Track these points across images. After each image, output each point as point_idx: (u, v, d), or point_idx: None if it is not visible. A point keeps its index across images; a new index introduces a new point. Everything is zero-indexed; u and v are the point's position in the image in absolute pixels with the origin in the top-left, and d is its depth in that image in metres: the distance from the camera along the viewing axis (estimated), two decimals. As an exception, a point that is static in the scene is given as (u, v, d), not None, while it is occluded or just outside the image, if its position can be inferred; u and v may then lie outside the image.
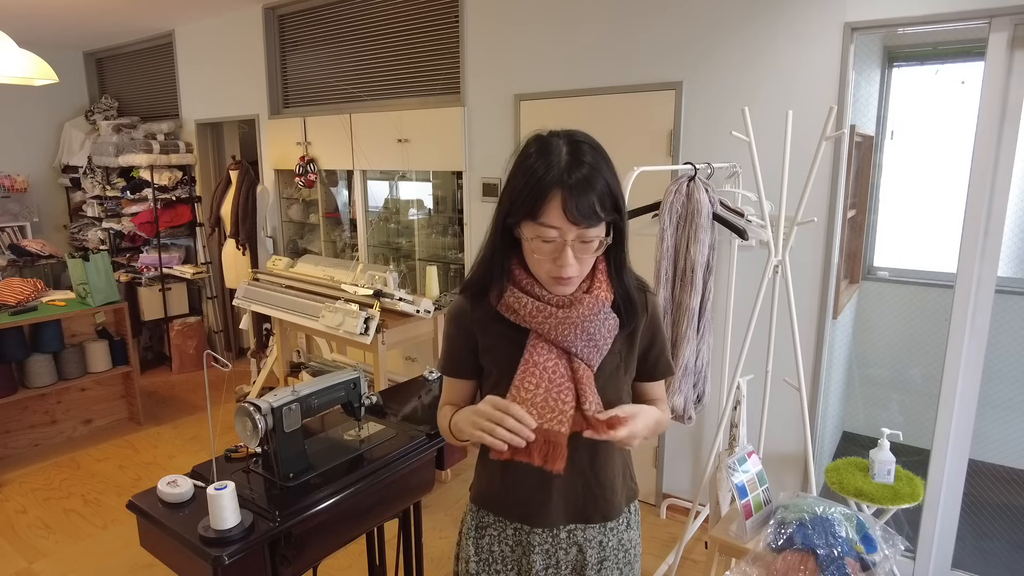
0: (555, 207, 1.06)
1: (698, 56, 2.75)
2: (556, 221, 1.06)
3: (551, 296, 1.16)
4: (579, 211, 1.05)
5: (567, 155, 1.07)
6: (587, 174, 1.07)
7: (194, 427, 4.16)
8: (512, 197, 1.11)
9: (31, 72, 2.86)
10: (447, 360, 1.30)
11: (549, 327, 1.14)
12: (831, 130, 2.12)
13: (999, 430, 3.26)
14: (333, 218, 4.63)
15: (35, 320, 3.62)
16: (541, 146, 1.09)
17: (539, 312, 1.15)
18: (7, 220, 5.49)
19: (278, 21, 4.52)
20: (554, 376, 1.15)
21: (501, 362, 1.21)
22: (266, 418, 1.62)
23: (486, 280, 1.20)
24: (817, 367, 2.67)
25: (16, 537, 2.99)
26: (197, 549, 1.48)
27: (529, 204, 1.07)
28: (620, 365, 1.24)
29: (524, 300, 1.16)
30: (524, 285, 1.17)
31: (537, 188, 1.06)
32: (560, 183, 1.05)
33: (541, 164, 1.07)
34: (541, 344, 1.16)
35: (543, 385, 1.14)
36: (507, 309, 1.18)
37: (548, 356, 1.15)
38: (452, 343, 1.28)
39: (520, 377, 1.15)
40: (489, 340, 1.23)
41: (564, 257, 1.09)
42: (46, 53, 3.40)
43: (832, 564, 1.67)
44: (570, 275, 1.11)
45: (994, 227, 2.27)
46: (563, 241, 1.08)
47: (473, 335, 1.24)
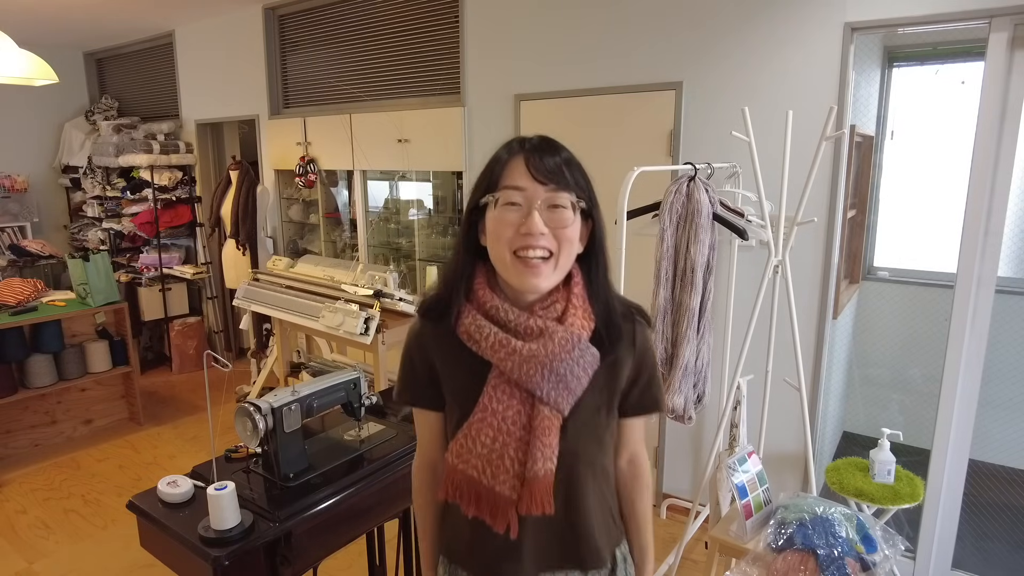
0: (517, 167, 0.98)
1: (698, 56, 2.75)
2: (520, 179, 0.97)
3: (517, 319, 1.00)
4: (545, 167, 0.97)
5: (530, 139, 1.02)
6: (551, 144, 1.01)
7: (194, 427, 4.16)
8: (474, 189, 1.03)
9: (31, 72, 2.86)
10: (403, 385, 1.14)
11: (512, 365, 0.99)
12: (831, 130, 2.12)
13: (999, 430, 3.26)
14: (333, 218, 4.63)
15: (35, 320, 3.62)
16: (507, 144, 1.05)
17: (501, 346, 0.99)
18: (7, 220, 5.49)
19: (278, 21, 4.52)
20: (512, 428, 1.01)
21: (461, 397, 1.06)
22: (266, 418, 1.62)
23: (446, 299, 1.05)
24: (817, 367, 2.66)
25: (16, 537, 2.99)
26: (197, 549, 1.48)
27: (488, 178, 1.00)
28: (601, 407, 1.07)
29: (486, 328, 1.00)
30: (487, 307, 1.02)
31: (497, 164, 1.00)
32: (521, 150, 0.99)
33: (501, 149, 1.03)
34: (502, 386, 1.00)
35: (499, 439, 1.00)
36: (467, 336, 1.02)
37: (509, 402, 1.00)
38: (408, 367, 1.12)
39: (475, 427, 1.01)
40: (448, 370, 1.08)
41: (531, 219, 0.96)
42: (46, 53, 3.40)
43: (832, 564, 1.67)
44: (540, 243, 0.97)
45: (994, 227, 2.27)
46: (529, 205, 0.97)
47: (431, 362, 1.09)
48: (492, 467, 1.00)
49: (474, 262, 1.05)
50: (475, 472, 1.01)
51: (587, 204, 1.02)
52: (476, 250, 1.05)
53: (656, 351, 2.29)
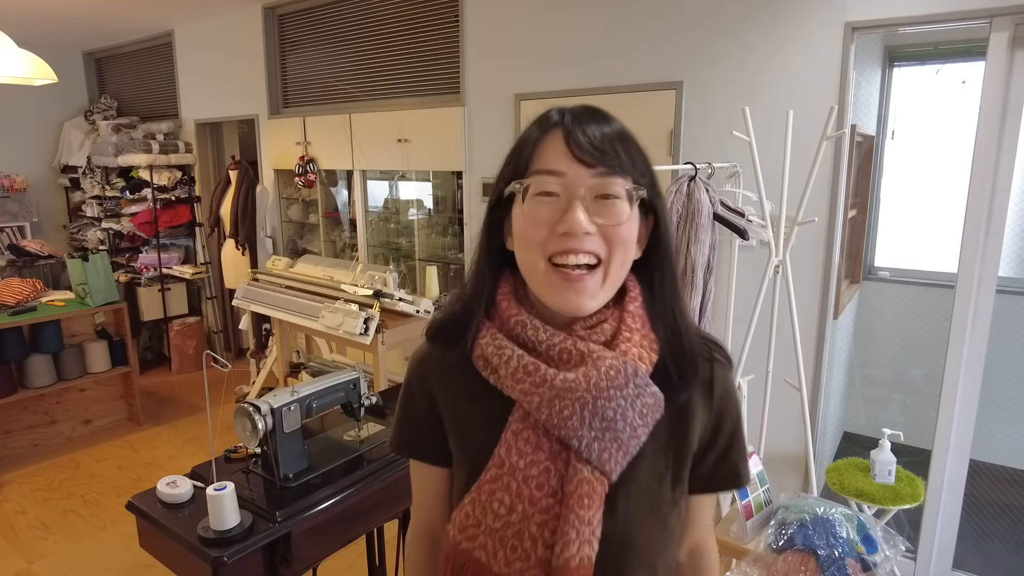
0: (554, 145, 0.73)
1: (699, 56, 2.75)
2: (557, 161, 0.72)
3: (550, 340, 0.75)
4: (591, 143, 0.72)
5: (572, 107, 0.77)
6: (598, 113, 0.76)
7: (193, 427, 4.15)
8: (499, 177, 0.79)
9: (30, 72, 2.85)
10: (399, 429, 0.89)
11: (540, 401, 0.72)
12: (832, 130, 2.12)
13: (1000, 430, 3.25)
14: (333, 218, 4.62)
15: (34, 320, 3.62)
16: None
17: (527, 374, 0.73)
18: (6, 220, 5.48)
19: (278, 21, 4.51)
20: (536, 493, 0.73)
21: (472, 450, 0.79)
22: (266, 419, 1.62)
23: (462, 317, 0.80)
24: (818, 367, 2.66)
25: (16, 537, 2.99)
26: (197, 550, 1.47)
27: (516, 161, 0.76)
28: (665, 475, 0.78)
29: (507, 350, 0.75)
30: (512, 323, 0.77)
31: (527, 143, 0.76)
32: (559, 123, 0.74)
33: (532, 125, 0.78)
34: (526, 433, 0.74)
35: (518, 508, 0.73)
36: (483, 362, 0.77)
37: (534, 456, 0.73)
38: (407, 407, 0.87)
39: (486, 490, 0.74)
40: (459, 411, 0.81)
41: (572, 214, 0.71)
42: (45, 53, 3.39)
43: (833, 565, 1.67)
44: (585, 247, 0.72)
45: (995, 227, 2.27)
46: (570, 195, 0.72)
47: (437, 400, 0.83)
48: (506, 548, 0.73)
49: (498, 271, 0.81)
50: (483, 554, 0.74)
51: (648, 193, 0.76)
52: (501, 256, 0.81)
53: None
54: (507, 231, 0.80)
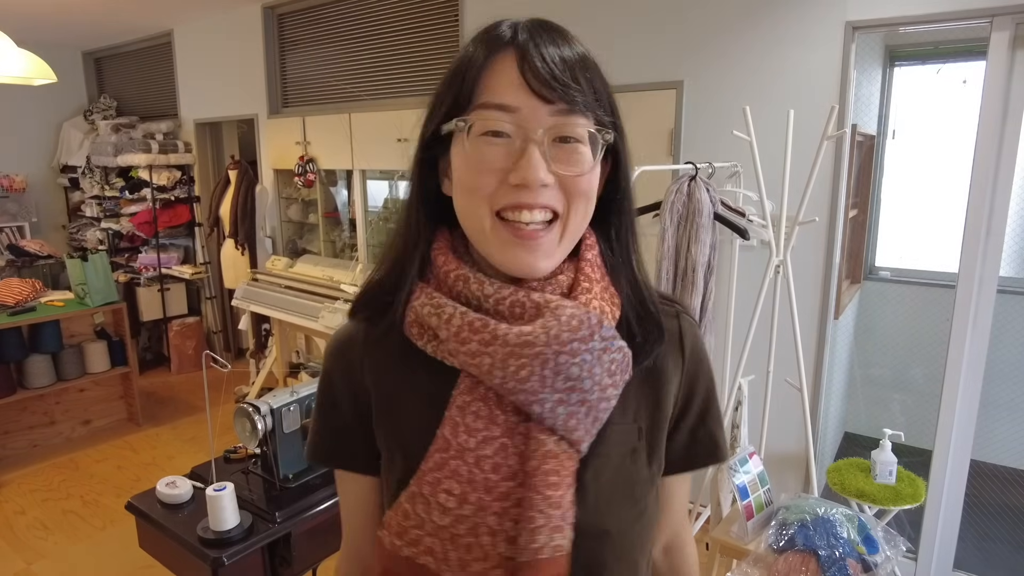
0: (505, 71, 0.60)
1: (699, 55, 2.74)
2: (508, 93, 0.59)
3: (497, 293, 0.62)
4: (549, 72, 0.60)
5: (526, 21, 0.67)
6: (556, 30, 0.66)
7: (193, 428, 4.15)
8: (432, 106, 0.66)
9: (29, 72, 2.85)
10: (316, 435, 0.73)
11: (491, 363, 0.58)
12: (832, 129, 2.12)
13: (1001, 430, 3.25)
14: (332, 218, 4.62)
15: (34, 320, 3.61)
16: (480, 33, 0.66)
17: (473, 332, 0.59)
18: (6, 220, 5.48)
19: (277, 21, 4.51)
20: (492, 476, 0.60)
21: (407, 442, 0.65)
22: (265, 419, 1.61)
23: (392, 281, 0.66)
24: (818, 367, 2.66)
25: (15, 538, 2.98)
26: (196, 550, 1.47)
27: (456, 88, 0.62)
28: (638, 446, 0.67)
29: (447, 307, 0.61)
30: (451, 278, 0.63)
31: (470, 66, 0.62)
32: (511, 43, 0.62)
33: (477, 37, 0.65)
34: (475, 405, 0.61)
35: (471, 497, 0.59)
36: (417, 327, 0.64)
37: (487, 431, 0.60)
38: (325, 406, 0.72)
39: (429, 479, 0.60)
40: (390, 396, 0.67)
41: (528, 160, 0.58)
42: (45, 53, 3.39)
43: (834, 565, 1.66)
44: (541, 200, 0.60)
45: (996, 227, 2.27)
46: (524, 136, 0.59)
47: (363, 388, 0.68)
48: (459, 549, 0.59)
49: (433, 225, 0.67)
50: (430, 559, 0.60)
51: (613, 133, 0.65)
52: (436, 206, 0.67)
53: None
54: (443, 172, 0.66)
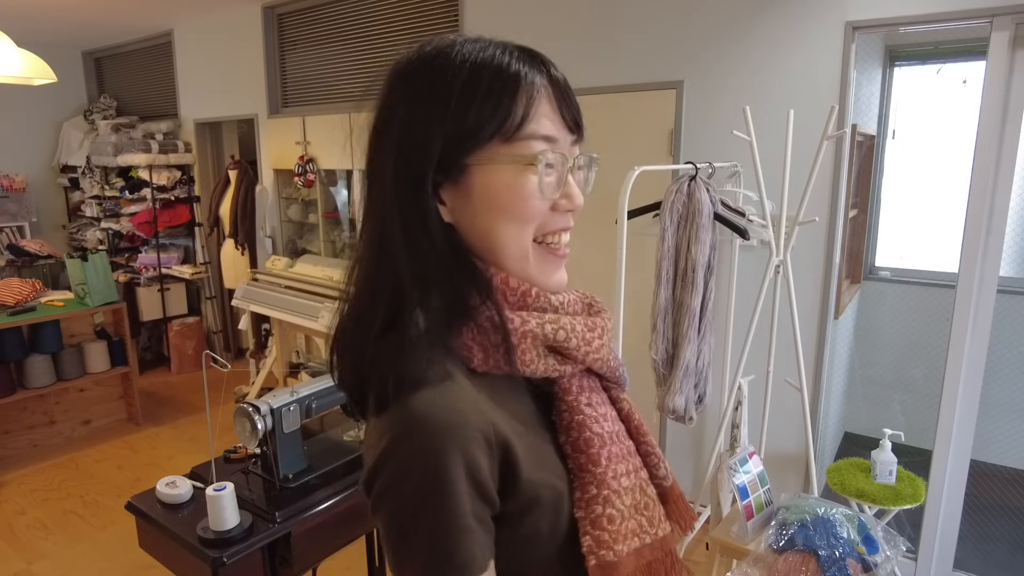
0: (545, 106, 0.63)
1: (699, 55, 2.74)
2: (551, 127, 0.63)
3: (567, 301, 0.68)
4: (573, 113, 0.65)
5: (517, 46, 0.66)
6: (564, 75, 0.69)
7: (193, 428, 4.15)
8: (452, 118, 0.60)
9: (30, 72, 2.85)
10: (472, 544, 0.55)
11: (607, 353, 0.68)
12: (832, 129, 2.12)
13: (1001, 431, 3.25)
14: (332, 218, 4.62)
15: (34, 320, 3.61)
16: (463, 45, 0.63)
17: (591, 331, 0.66)
18: (6, 220, 5.48)
19: (277, 20, 4.51)
20: (627, 443, 0.70)
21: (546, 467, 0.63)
22: (265, 419, 1.61)
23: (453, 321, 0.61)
24: (818, 367, 2.66)
25: (15, 538, 2.98)
26: (196, 550, 1.47)
27: (503, 109, 0.60)
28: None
29: (562, 319, 0.64)
30: (532, 295, 0.65)
31: (509, 80, 0.61)
32: (545, 74, 0.64)
33: (488, 55, 0.62)
34: (589, 396, 0.67)
35: (630, 465, 0.68)
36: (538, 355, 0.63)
37: (607, 410, 0.69)
38: (462, 505, 0.54)
39: (610, 474, 0.64)
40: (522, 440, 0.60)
41: (570, 185, 0.65)
42: (45, 53, 3.39)
43: (834, 565, 1.66)
44: (571, 223, 0.68)
45: (996, 227, 2.27)
46: (564, 164, 0.64)
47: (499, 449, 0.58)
48: (647, 513, 0.67)
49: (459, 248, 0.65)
50: (640, 540, 0.66)
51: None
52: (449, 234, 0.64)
53: (658, 351, 2.29)
54: (446, 198, 0.63)
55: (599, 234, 2.94)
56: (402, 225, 0.61)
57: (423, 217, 0.61)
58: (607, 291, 2.05)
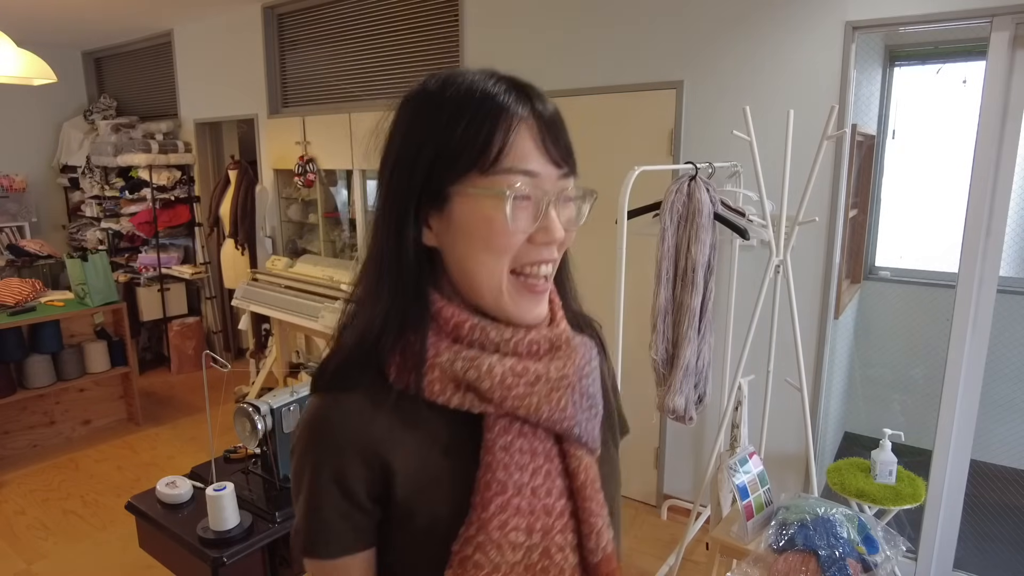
0: (525, 141, 0.63)
1: (699, 55, 2.74)
2: (532, 162, 0.63)
3: (515, 336, 0.66)
4: (560, 148, 0.65)
5: (512, 79, 0.68)
6: (548, 99, 0.68)
7: (193, 428, 4.15)
8: (436, 148, 0.63)
9: (30, 72, 2.85)
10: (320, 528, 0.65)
11: (538, 400, 0.64)
12: (832, 129, 2.12)
13: (1001, 431, 3.25)
14: (332, 218, 4.62)
15: (34, 320, 3.61)
16: (462, 77, 0.67)
17: (518, 376, 0.64)
18: (5, 220, 5.48)
19: (277, 20, 4.51)
20: (550, 501, 0.66)
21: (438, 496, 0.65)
22: (265, 419, 1.61)
23: (384, 340, 0.65)
24: (818, 367, 2.66)
25: (15, 538, 2.98)
26: (196, 550, 1.47)
27: (480, 142, 0.62)
28: (606, 435, 0.76)
29: (483, 358, 0.64)
30: (466, 333, 0.65)
31: (489, 114, 0.62)
32: (529, 108, 0.64)
33: (478, 89, 0.65)
34: (517, 441, 0.64)
35: (538, 525, 0.64)
36: (450, 387, 0.64)
37: (534, 462, 0.65)
38: (326, 493, 0.64)
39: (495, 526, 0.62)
40: (424, 465, 0.65)
41: (550, 219, 0.64)
42: (45, 53, 3.39)
43: (834, 565, 1.66)
44: (553, 257, 0.67)
45: (996, 227, 2.27)
46: (541, 198, 0.64)
47: (377, 471, 0.64)
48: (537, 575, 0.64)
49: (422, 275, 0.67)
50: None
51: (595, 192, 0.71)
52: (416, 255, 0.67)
53: (658, 351, 2.29)
54: (423, 221, 0.66)
55: (599, 234, 2.94)
56: (382, 243, 0.66)
57: (398, 238, 0.65)
58: (607, 291, 2.05)
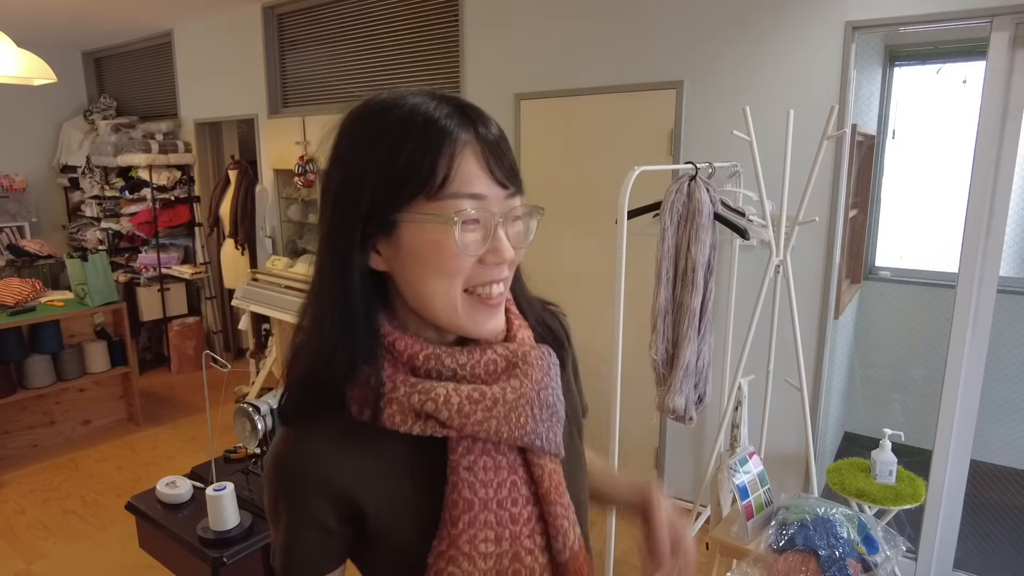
0: (470, 164, 0.64)
1: (699, 55, 2.74)
2: (478, 185, 0.64)
3: (470, 360, 0.69)
4: (508, 164, 0.66)
5: (454, 100, 0.67)
6: (490, 120, 0.68)
7: (193, 428, 4.15)
8: (382, 175, 0.63)
9: (30, 72, 2.85)
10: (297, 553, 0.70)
11: (497, 423, 0.67)
12: (832, 129, 2.12)
13: (1001, 430, 3.25)
14: (332, 218, 4.62)
15: (34, 320, 3.61)
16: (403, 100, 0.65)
17: (474, 404, 0.66)
18: (6, 220, 5.48)
19: (277, 20, 4.51)
20: (515, 510, 0.69)
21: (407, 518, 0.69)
22: (265, 419, 1.61)
23: (336, 373, 0.67)
24: (818, 367, 2.66)
25: (15, 538, 2.98)
26: (196, 550, 1.47)
27: (425, 168, 0.62)
28: (572, 430, 0.80)
29: (437, 389, 0.66)
30: (421, 363, 0.68)
31: (432, 139, 0.63)
32: (472, 131, 0.65)
33: (420, 113, 0.64)
34: (481, 459, 0.68)
35: (506, 534, 0.69)
36: (409, 418, 0.66)
37: (498, 476, 0.69)
38: (296, 524, 0.69)
39: (464, 540, 0.67)
40: (372, 486, 0.68)
41: (499, 240, 0.66)
42: (45, 53, 3.39)
43: (834, 565, 1.66)
44: (504, 275, 0.69)
45: (996, 227, 2.27)
46: (489, 220, 0.65)
47: (342, 492, 0.67)
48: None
49: (370, 303, 0.69)
50: None
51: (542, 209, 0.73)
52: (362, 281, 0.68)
53: (658, 351, 2.29)
54: (371, 247, 0.67)
55: (599, 234, 2.94)
56: (327, 273, 0.68)
57: (344, 268, 0.66)
58: (607, 291, 2.05)
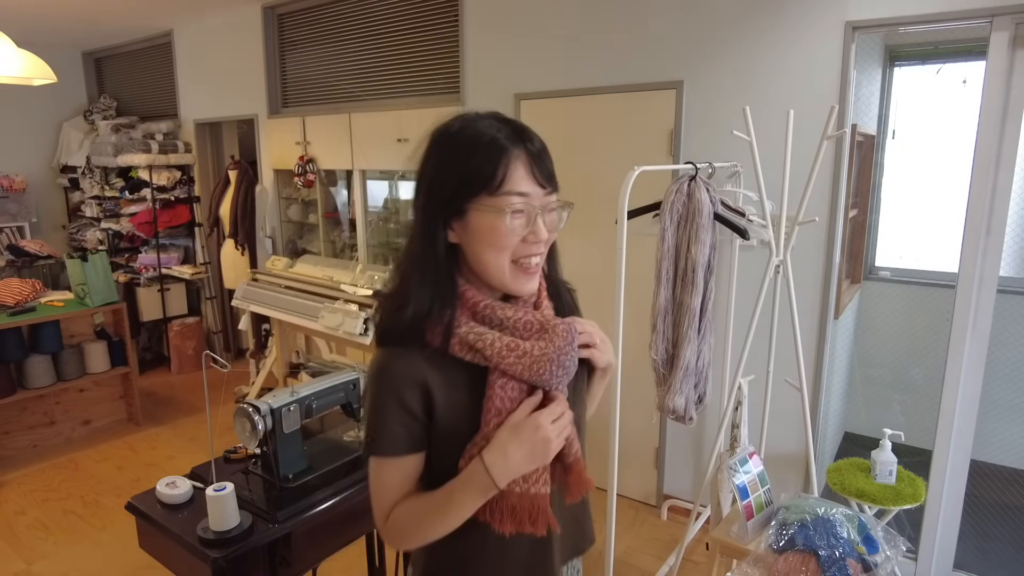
0: (519, 171, 0.92)
1: (699, 55, 2.74)
2: (524, 186, 0.92)
3: (514, 316, 0.97)
4: (547, 170, 0.95)
5: (511, 123, 0.96)
6: (538, 138, 0.96)
7: (193, 428, 4.15)
8: (457, 177, 0.93)
9: (29, 72, 2.85)
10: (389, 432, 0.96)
11: (522, 367, 0.94)
12: (832, 129, 2.12)
13: (1001, 431, 3.25)
14: (332, 218, 4.62)
15: (34, 321, 3.61)
16: (474, 123, 0.96)
17: (509, 351, 0.94)
18: (5, 220, 5.48)
19: (277, 21, 4.51)
20: None
21: (463, 417, 0.97)
22: (265, 419, 1.61)
23: (424, 313, 0.95)
24: (818, 367, 2.66)
25: (15, 538, 2.98)
26: (196, 551, 1.47)
27: (487, 174, 0.91)
28: (581, 380, 1.09)
29: (488, 335, 0.95)
30: (480, 308, 0.97)
31: (493, 153, 0.91)
32: (522, 147, 0.93)
33: (486, 134, 0.93)
34: (509, 385, 0.95)
35: None
36: (465, 349, 0.95)
37: (514, 395, 0.96)
38: (394, 409, 0.96)
39: (490, 430, 0.95)
40: (450, 395, 0.96)
41: (537, 225, 0.94)
42: (45, 53, 3.39)
43: (834, 565, 1.66)
44: (541, 251, 0.98)
45: (996, 226, 2.27)
46: (532, 211, 0.94)
47: (427, 390, 0.95)
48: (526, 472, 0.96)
49: (450, 264, 0.97)
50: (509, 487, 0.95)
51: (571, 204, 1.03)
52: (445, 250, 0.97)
53: (658, 351, 2.29)
54: (448, 225, 0.96)
55: (599, 234, 2.94)
56: (420, 243, 0.96)
57: (432, 240, 0.95)
58: (607, 291, 2.05)
